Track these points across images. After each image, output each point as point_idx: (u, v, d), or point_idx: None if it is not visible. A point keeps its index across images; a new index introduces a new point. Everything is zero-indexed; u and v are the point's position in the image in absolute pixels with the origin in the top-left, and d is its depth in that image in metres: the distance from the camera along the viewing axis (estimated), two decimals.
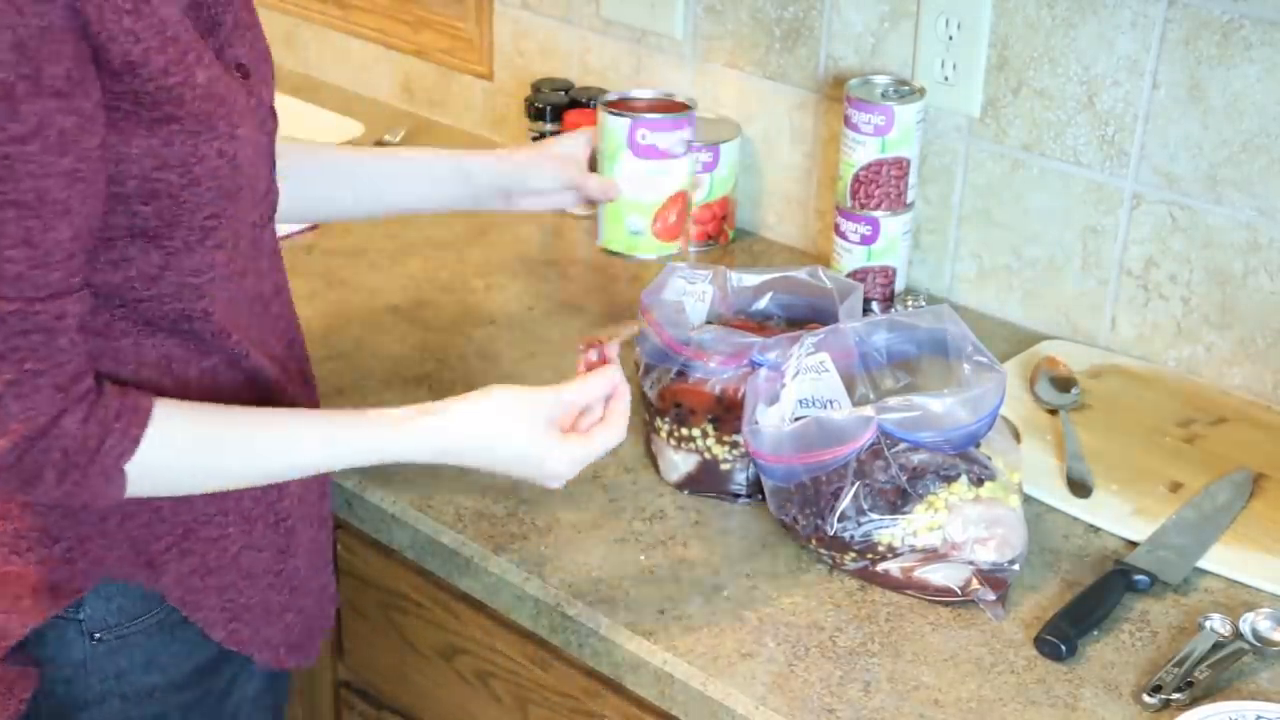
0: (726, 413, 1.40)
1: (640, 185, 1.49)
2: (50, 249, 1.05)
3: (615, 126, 1.47)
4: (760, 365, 1.36)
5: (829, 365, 1.36)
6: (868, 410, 1.30)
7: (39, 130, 1.02)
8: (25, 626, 1.20)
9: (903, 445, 1.29)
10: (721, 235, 1.95)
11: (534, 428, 1.23)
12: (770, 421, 1.32)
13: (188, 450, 1.15)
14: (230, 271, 1.18)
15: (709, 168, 1.89)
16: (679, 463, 1.44)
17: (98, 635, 1.22)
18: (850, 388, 1.38)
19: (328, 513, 1.38)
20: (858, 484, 1.29)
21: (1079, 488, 1.44)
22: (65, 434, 1.08)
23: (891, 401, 1.30)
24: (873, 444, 1.29)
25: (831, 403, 1.35)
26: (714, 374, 1.39)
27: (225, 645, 1.27)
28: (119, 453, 1.11)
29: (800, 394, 1.35)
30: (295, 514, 1.30)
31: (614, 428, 1.25)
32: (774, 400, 1.33)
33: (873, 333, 1.40)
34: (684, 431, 1.42)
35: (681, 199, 1.51)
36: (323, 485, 1.36)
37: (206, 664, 1.27)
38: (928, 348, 1.39)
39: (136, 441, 1.11)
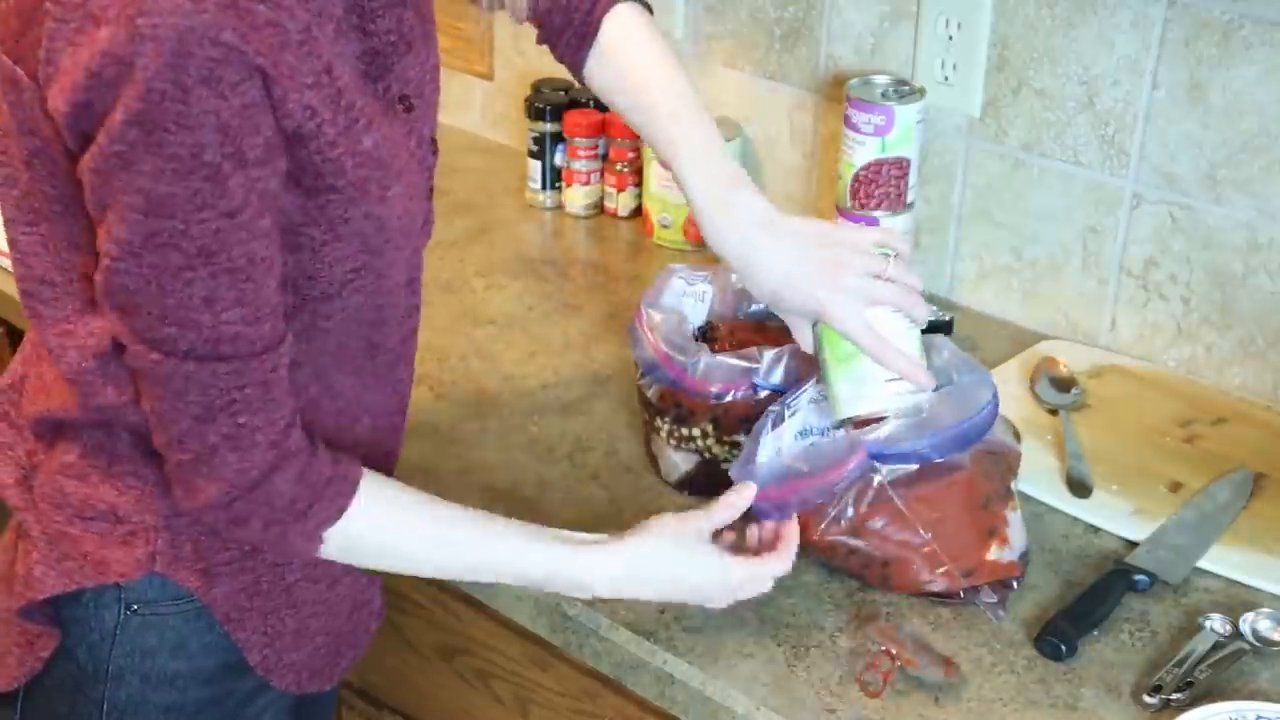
0: (726, 413, 1.40)
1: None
2: (260, 305, 1.08)
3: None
4: (763, 389, 1.36)
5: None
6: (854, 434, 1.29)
7: (245, 202, 1.04)
8: (60, 588, 1.20)
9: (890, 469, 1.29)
10: None
11: (709, 552, 1.23)
12: (766, 452, 1.30)
13: (384, 528, 1.19)
14: (372, 317, 1.20)
15: None
16: (679, 462, 1.44)
17: (134, 606, 1.21)
18: None
19: None
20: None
21: (1079, 488, 1.44)
22: (276, 492, 1.12)
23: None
24: (862, 473, 1.29)
25: (826, 430, 1.34)
26: (713, 396, 1.39)
27: (256, 670, 1.26)
28: (322, 519, 1.14)
29: (804, 424, 1.33)
30: None
31: (784, 558, 1.25)
32: (778, 423, 1.32)
33: None
34: (684, 431, 1.42)
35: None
36: None
37: (235, 664, 1.25)
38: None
39: (341, 512, 1.15)
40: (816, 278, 1.27)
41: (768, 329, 1.47)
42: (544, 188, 2.05)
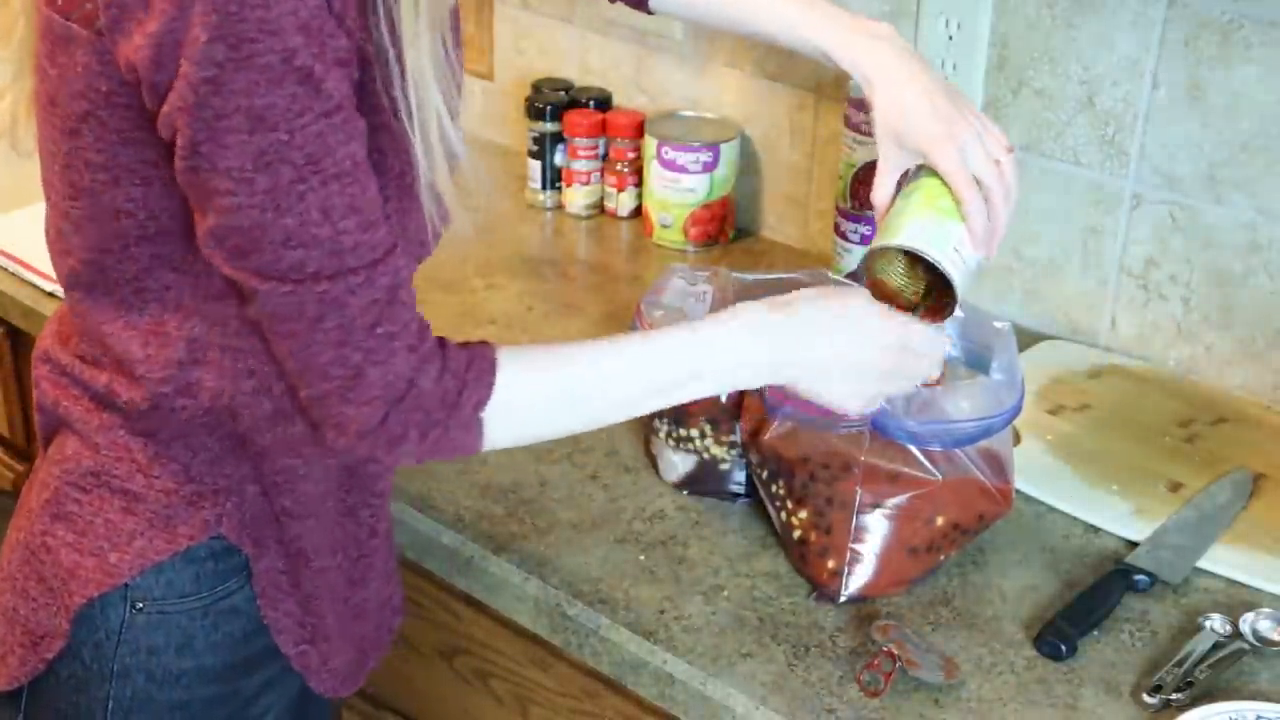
0: (723, 414, 1.40)
1: None
2: (371, 209, 1.07)
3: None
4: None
5: None
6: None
7: (340, 102, 1.04)
8: (132, 570, 1.18)
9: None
10: (721, 235, 1.95)
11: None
12: None
13: (541, 386, 1.17)
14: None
15: (709, 168, 1.89)
16: (678, 463, 1.44)
17: (139, 605, 1.19)
18: None
19: (393, 555, 1.36)
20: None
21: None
22: (423, 393, 1.11)
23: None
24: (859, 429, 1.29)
25: None
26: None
27: (293, 665, 1.25)
28: (475, 401, 1.13)
29: None
30: (380, 550, 1.30)
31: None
32: None
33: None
34: (682, 432, 1.42)
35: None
36: (390, 527, 1.34)
37: (241, 662, 1.25)
38: (974, 361, 1.38)
39: (491, 388, 1.14)
40: (943, 121, 1.26)
41: None
42: (544, 188, 2.05)
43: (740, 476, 1.43)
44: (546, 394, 1.18)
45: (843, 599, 1.31)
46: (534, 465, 1.49)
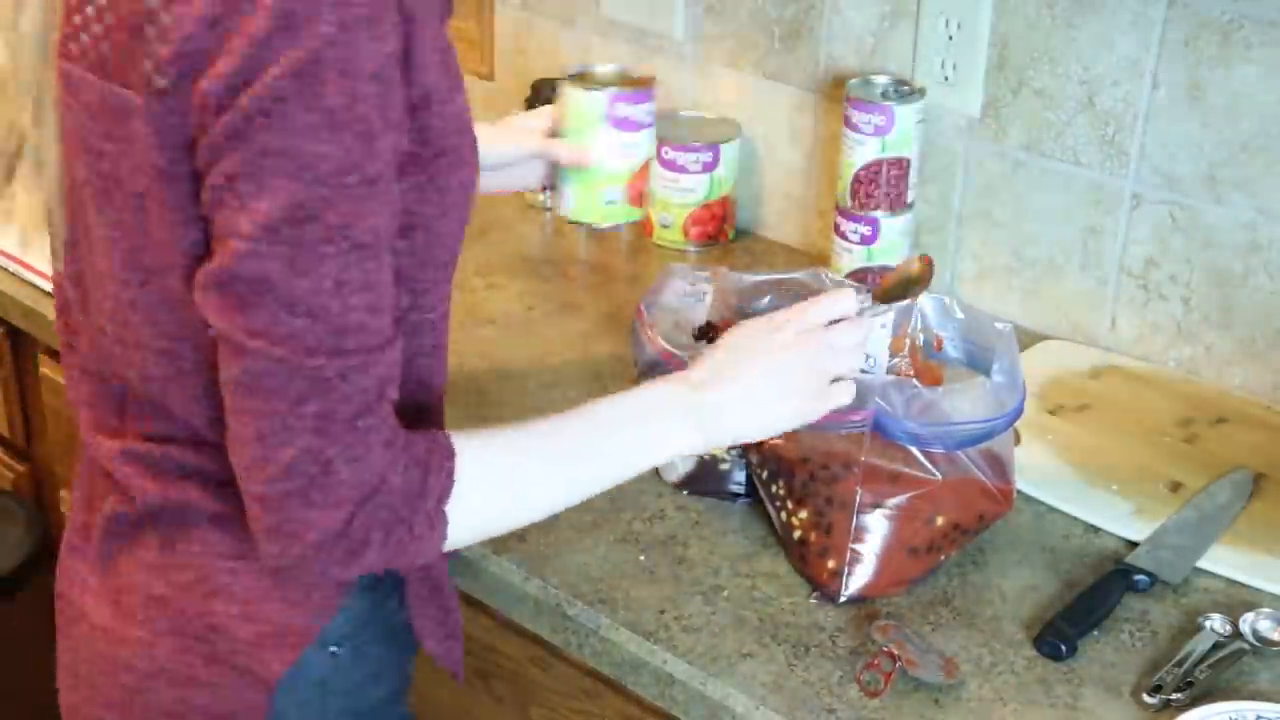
0: None
1: (617, 156, 1.50)
2: (383, 291, 1.01)
3: (590, 101, 1.48)
4: None
5: (888, 324, 1.35)
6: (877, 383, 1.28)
7: (385, 169, 0.98)
8: (323, 616, 1.13)
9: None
10: (721, 235, 1.95)
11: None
12: None
13: (498, 471, 1.10)
14: (447, 307, 1.16)
15: (709, 167, 1.89)
16: (678, 463, 1.44)
17: (334, 648, 1.14)
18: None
19: None
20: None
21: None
22: (391, 489, 1.02)
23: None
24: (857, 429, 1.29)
25: (869, 358, 1.33)
26: None
27: (440, 663, 1.24)
28: (439, 493, 1.05)
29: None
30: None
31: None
32: None
33: (938, 322, 1.38)
34: None
35: (646, 166, 1.53)
36: None
37: (409, 675, 1.23)
38: (976, 361, 1.38)
39: (451, 475, 1.05)
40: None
41: None
42: (544, 188, 2.04)
43: (740, 476, 1.42)
44: (511, 479, 1.12)
45: (843, 599, 1.31)
46: None
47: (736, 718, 1.21)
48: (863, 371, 1.30)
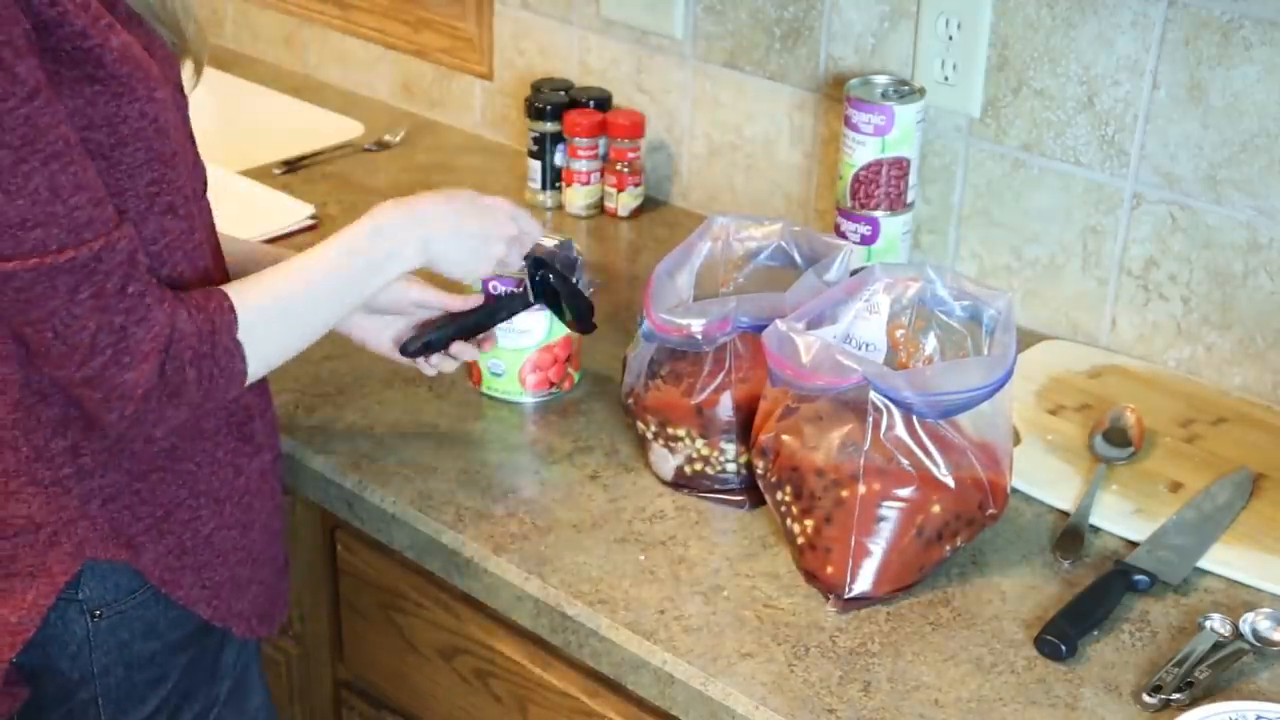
0: (709, 423, 1.42)
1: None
2: (95, 185, 1.12)
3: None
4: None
5: (882, 308, 1.35)
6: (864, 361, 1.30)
7: (39, 85, 1.07)
8: (35, 619, 1.23)
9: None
10: (566, 380, 1.62)
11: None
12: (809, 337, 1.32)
13: (268, 300, 1.24)
14: (190, 243, 1.23)
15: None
16: (669, 459, 1.44)
17: (97, 613, 1.26)
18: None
19: (279, 485, 1.40)
20: None
21: (1069, 541, 1.38)
22: (185, 334, 1.17)
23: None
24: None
25: (868, 345, 1.35)
26: (701, 344, 1.41)
27: (210, 621, 1.32)
28: (228, 326, 1.20)
29: (849, 330, 1.35)
30: (253, 490, 1.34)
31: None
32: (832, 322, 1.35)
33: (938, 291, 1.38)
34: (670, 431, 1.43)
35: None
36: (275, 456, 1.38)
37: (201, 625, 1.32)
38: (971, 316, 1.38)
39: (233, 310, 1.20)
40: None
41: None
42: (544, 188, 2.05)
43: (733, 471, 1.43)
44: (277, 309, 1.25)
45: (844, 599, 1.31)
46: (534, 465, 1.49)
47: (736, 718, 1.21)
48: (863, 355, 1.33)
